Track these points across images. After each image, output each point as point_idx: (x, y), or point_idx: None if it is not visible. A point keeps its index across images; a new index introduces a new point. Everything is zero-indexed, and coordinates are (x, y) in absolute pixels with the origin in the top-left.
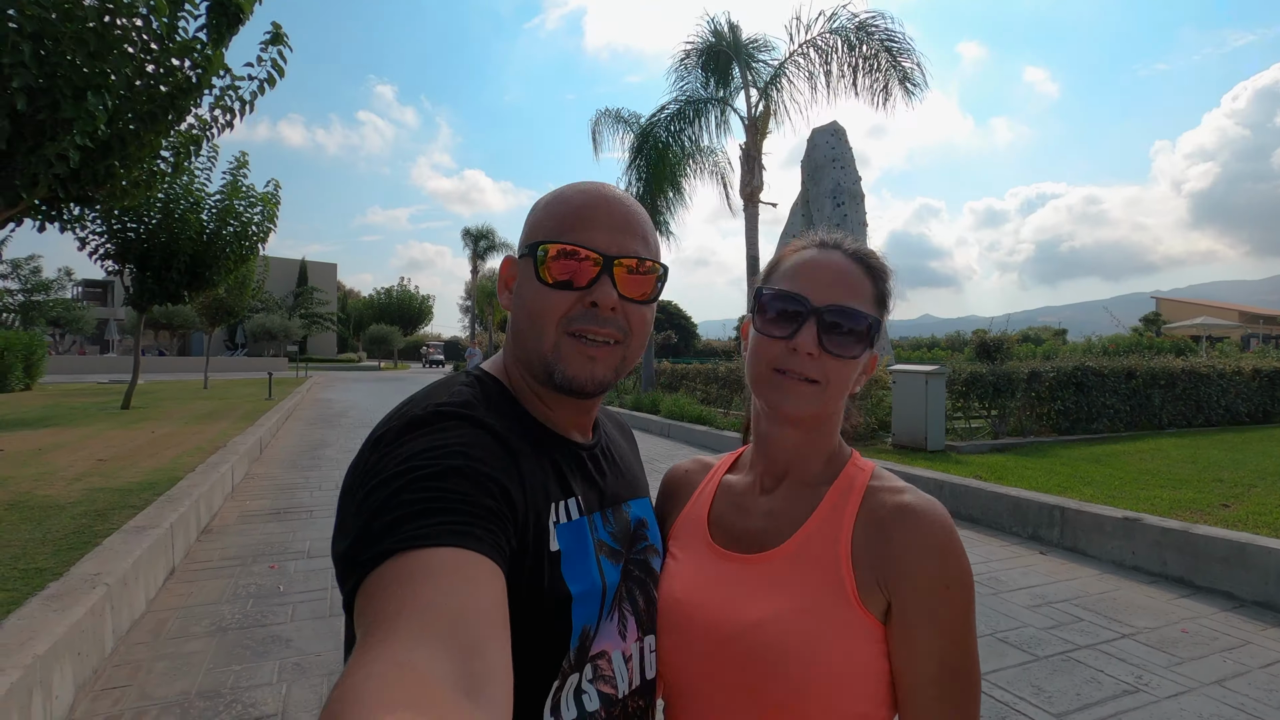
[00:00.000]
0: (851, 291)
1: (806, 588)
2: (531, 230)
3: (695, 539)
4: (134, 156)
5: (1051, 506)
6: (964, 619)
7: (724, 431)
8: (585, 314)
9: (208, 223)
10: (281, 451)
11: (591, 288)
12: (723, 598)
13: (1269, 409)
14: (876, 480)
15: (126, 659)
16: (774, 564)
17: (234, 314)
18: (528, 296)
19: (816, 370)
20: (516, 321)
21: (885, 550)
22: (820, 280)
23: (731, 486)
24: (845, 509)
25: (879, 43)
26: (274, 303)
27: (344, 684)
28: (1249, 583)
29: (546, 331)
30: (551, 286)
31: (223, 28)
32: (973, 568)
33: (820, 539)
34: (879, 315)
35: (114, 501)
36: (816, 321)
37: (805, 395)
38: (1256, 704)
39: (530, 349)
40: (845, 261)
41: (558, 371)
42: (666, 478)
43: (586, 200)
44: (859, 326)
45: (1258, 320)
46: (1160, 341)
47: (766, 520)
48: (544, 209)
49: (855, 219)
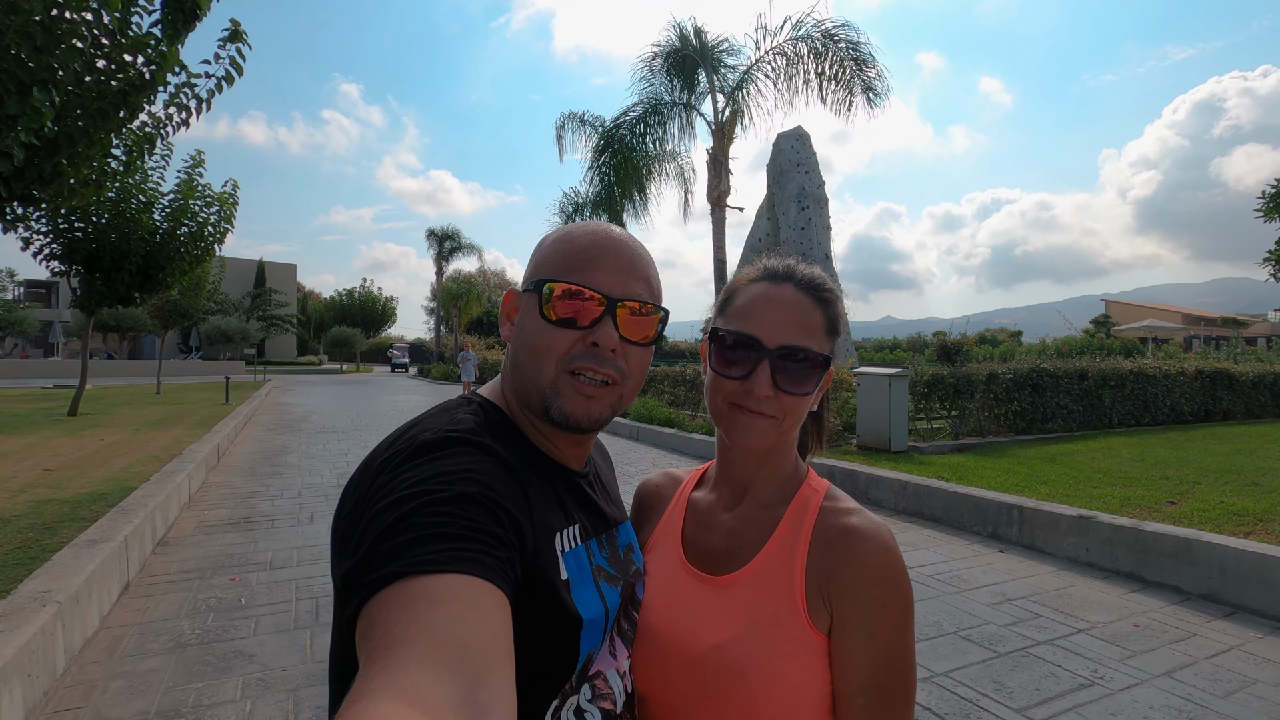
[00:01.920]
0: (802, 329)
1: (763, 611)
2: (537, 267)
3: (669, 556)
4: (83, 155)
5: (1010, 506)
6: (899, 637)
7: (692, 434)
8: (586, 353)
9: (161, 223)
10: (240, 459)
11: (594, 328)
12: (691, 619)
13: (1210, 407)
14: (829, 501)
15: (80, 679)
16: (735, 587)
17: (188, 316)
18: (530, 331)
19: (772, 408)
20: (517, 354)
21: (830, 569)
22: (773, 320)
23: (698, 503)
24: (800, 530)
25: (844, 50)
26: (230, 304)
27: (346, 711)
28: (1195, 577)
29: (546, 367)
30: (555, 324)
31: (178, 23)
32: (935, 566)
33: (777, 562)
34: (830, 346)
35: (63, 514)
36: (770, 363)
37: (760, 429)
38: (1203, 694)
39: (529, 382)
40: (796, 296)
41: (554, 407)
42: (639, 492)
43: (593, 241)
44: (811, 365)
45: (1199, 322)
46: (1110, 343)
47: (729, 539)
48: (550, 247)
49: (819, 223)
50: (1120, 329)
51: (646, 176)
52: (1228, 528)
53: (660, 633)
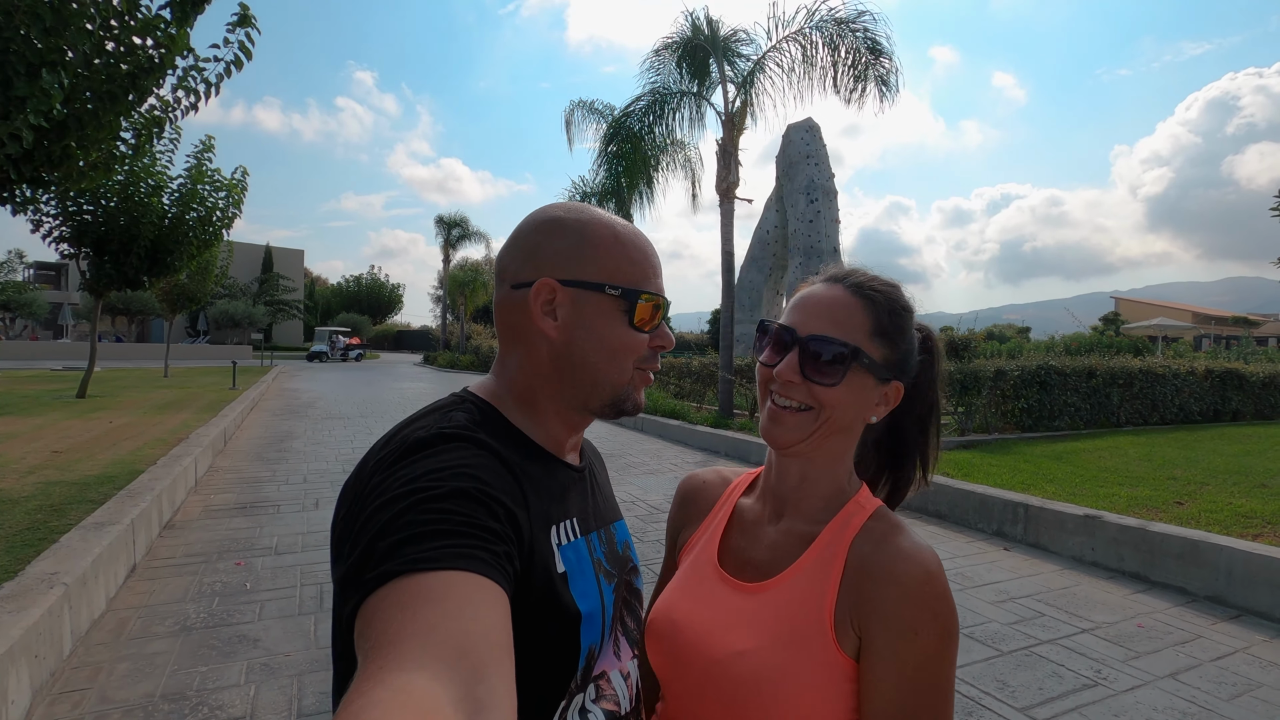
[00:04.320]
0: (838, 323)
1: (789, 623)
2: (609, 270)
3: (705, 561)
4: (92, 137)
5: (1016, 504)
6: (933, 669)
7: (697, 426)
8: (650, 355)
9: (170, 207)
10: (247, 443)
11: (658, 332)
12: (717, 622)
13: (1219, 408)
14: (874, 520)
15: (86, 661)
16: (765, 596)
17: (196, 300)
18: (610, 335)
19: (804, 395)
20: (585, 354)
21: (864, 590)
22: (811, 311)
23: (744, 512)
24: (838, 548)
25: (859, 39)
26: (238, 289)
27: (344, 710)
28: (1201, 578)
29: (626, 367)
30: (639, 330)
31: (187, 6)
32: (941, 563)
33: (809, 578)
34: (875, 347)
35: (71, 496)
36: (799, 350)
37: (792, 424)
38: (1207, 696)
39: (603, 381)
40: (843, 294)
41: (630, 401)
42: (684, 487)
43: (644, 244)
44: (837, 354)
45: (1210, 321)
46: (1120, 341)
47: (769, 553)
48: (619, 251)
49: (828, 215)
50: (1130, 327)
51: (654, 167)
52: (1235, 529)
53: (684, 629)
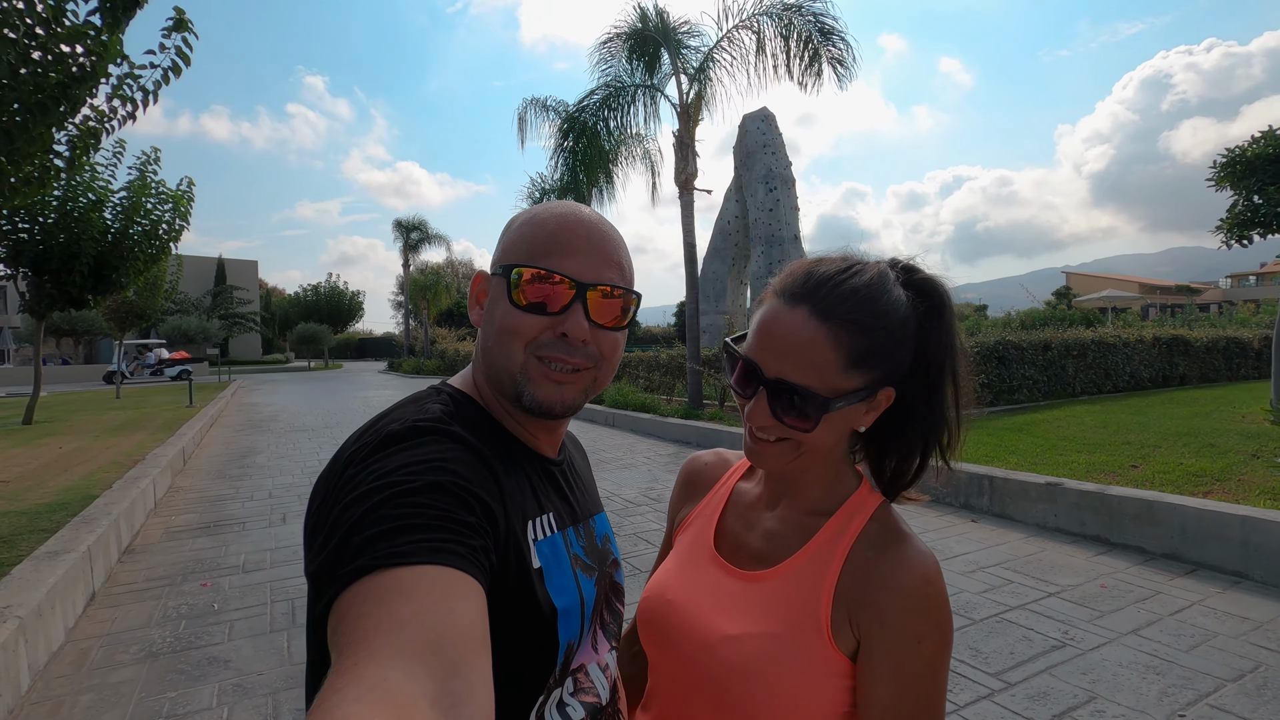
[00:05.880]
0: (806, 364)
1: (784, 614)
2: (505, 250)
3: (700, 544)
4: (22, 151)
5: (981, 476)
6: (932, 673)
7: (668, 419)
8: (554, 343)
9: (112, 222)
10: (207, 461)
11: (563, 315)
12: (709, 606)
13: (1167, 374)
14: (876, 521)
15: (46, 695)
16: (760, 585)
17: (145, 317)
18: (498, 316)
19: (781, 432)
20: (486, 339)
21: (864, 593)
22: (777, 348)
23: (742, 496)
24: (838, 546)
25: (810, 23)
26: (190, 303)
27: (318, 709)
28: (1157, 537)
29: (515, 352)
30: (523, 309)
31: (118, 11)
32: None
33: (806, 573)
34: (853, 377)
35: (21, 526)
36: (768, 393)
37: (773, 454)
38: (1168, 649)
39: (499, 367)
40: (809, 326)
41: (526, 394)
42: (686, 468)
43: (562, 225)
44: (809, 401)
45: (1155, 291)
46: (1072, 314)
47: (766, 540)
48: (519, 229)
49: (787, 203)
50: (1081, 300)
51: (613, 161)
52: (1187, 488)
53: (677, 609)
